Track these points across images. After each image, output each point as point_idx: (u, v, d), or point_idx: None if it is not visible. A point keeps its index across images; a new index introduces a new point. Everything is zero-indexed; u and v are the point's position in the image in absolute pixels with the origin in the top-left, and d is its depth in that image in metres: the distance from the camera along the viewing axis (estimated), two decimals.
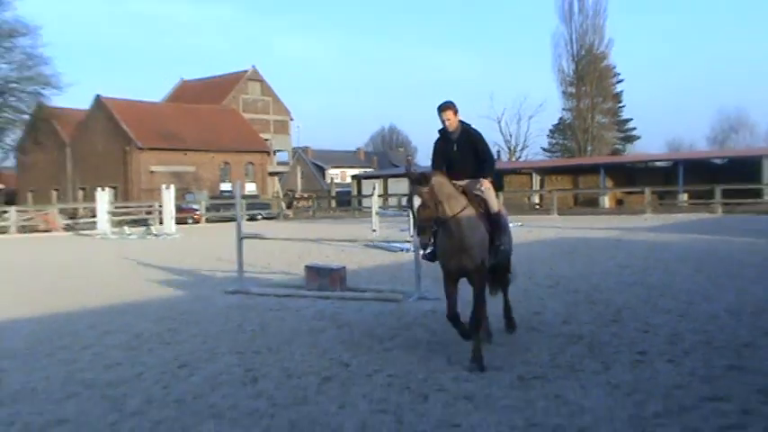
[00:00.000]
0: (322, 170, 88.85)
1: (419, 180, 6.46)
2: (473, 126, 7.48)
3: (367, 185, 58.95)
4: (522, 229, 25.38)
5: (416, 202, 6.43)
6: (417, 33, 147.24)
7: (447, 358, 7.02)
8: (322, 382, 6.37)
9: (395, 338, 8.01)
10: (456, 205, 6.68)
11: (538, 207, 48.29)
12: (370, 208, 26.63)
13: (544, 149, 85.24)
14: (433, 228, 6.45)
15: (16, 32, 48.99)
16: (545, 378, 6.26)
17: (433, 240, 6.55)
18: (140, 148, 58.83)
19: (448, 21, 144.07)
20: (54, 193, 65.42)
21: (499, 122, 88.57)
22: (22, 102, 52.68)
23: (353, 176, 66.94)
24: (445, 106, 7.29)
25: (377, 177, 60.14)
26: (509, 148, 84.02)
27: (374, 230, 23.53)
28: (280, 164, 76.26)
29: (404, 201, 32.43)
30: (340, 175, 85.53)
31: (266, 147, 70.89)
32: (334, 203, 58.35)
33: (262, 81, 75.81)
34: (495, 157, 8.04)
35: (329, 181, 77.56)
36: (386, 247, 18.96)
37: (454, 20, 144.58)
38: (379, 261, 16.45)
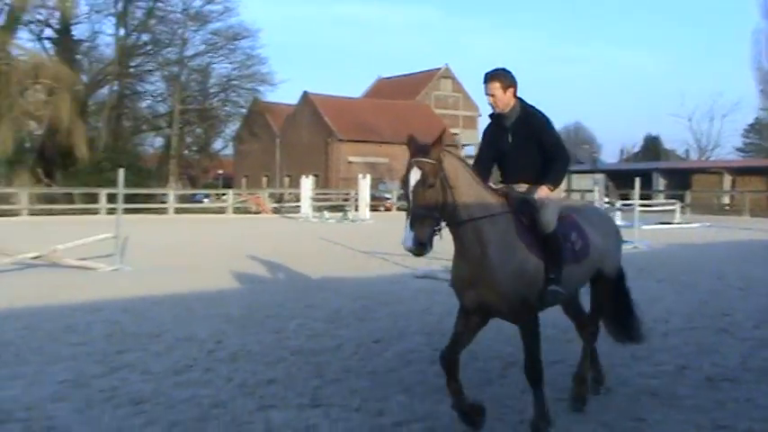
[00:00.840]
0: None
1: (422, 149, 4.40)
2: (538, 109, 5.09)
3: None
4: (710, 230, 23.96)
5: (414, 176, 4.33)
6: (604, 32, 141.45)
7: (631, 353, 6.74)
8: (506, 367, 6.35)
9: (568, 333, 7.80)
10: (477, 206, 4.51)
11: (727, 208, 45.03)
12: None
13: (738, 149, 79.35)
14: (436, 223, 4.32)
15: (239, 36, 52.44)
16: (735, 381, 5.87)
17: (431, 240, 4.30)
18: (340, 140, 61.16)
19: (636, 19, 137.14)
20: (264, 179, 69.53)
21: (690, 121, 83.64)
22: (240, 97, 56.52)
23: None
24: (490, 76, 4.94)
25: None
26: (699, 147, 78.97)
27: None
28: (468, 157, 76.45)
29: (587, 197, 31.12)
30: None
31: (455, 141, 71.26)
32: None
33: (453, 78, 76.21)
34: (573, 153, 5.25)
35: None
36: None
37: (643, 18, 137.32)
38: None
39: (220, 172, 69.36)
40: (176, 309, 9.20)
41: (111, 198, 30.34)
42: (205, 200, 46.68)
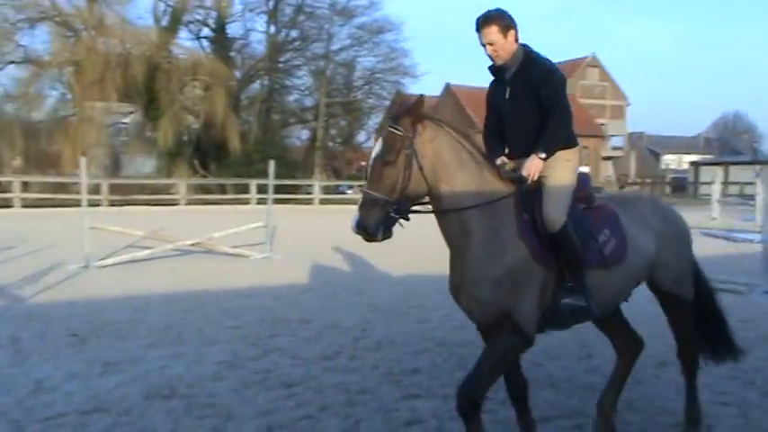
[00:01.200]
0: (657, 156, 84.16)
1: (398, 114, 3.62)
2: (547, 58, 4.00)
3: (706, 172, 54.69)
4: None
5: (375, 149, 3.58)
6: (762, 12, 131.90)
7: None
8: (658, 366, 6.09)
9: (738, 332, 7.36)
10: (468, 193, 3.67)
11: None
12: (707, 195, 24.87)
13: None
14: (389, 208, 3.57)
15: (384, 29, 53.14)
16: None
17: (381, 226, 3.59)
18: (481, 132, 60.82)
19: None
20: None
21: None
22: (384, 90, 57.18)
23: (691, 163, 62.54)
24: (483, 20, 3.92)
25: (717, 164, 55.46)
26: None
27: (714, 218, 21.95)
28: (614, 149, 73.87)
29: (747, 189, 29.13)
30: (676, 161, 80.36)
31: (601, 131, 69.02)
32: (668, 189, 55.11)
33: (600, 67, 73.80)
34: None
35: (664, 167, 73.26)
36: (726, 236, 17.50)
37: None
38: (719, 250, 15.19)
39: (363, 164, 70.63)
40: (323, 297, 9.50)
41: (261, 188, 31.67)
42: (348, 191, 47.66)
